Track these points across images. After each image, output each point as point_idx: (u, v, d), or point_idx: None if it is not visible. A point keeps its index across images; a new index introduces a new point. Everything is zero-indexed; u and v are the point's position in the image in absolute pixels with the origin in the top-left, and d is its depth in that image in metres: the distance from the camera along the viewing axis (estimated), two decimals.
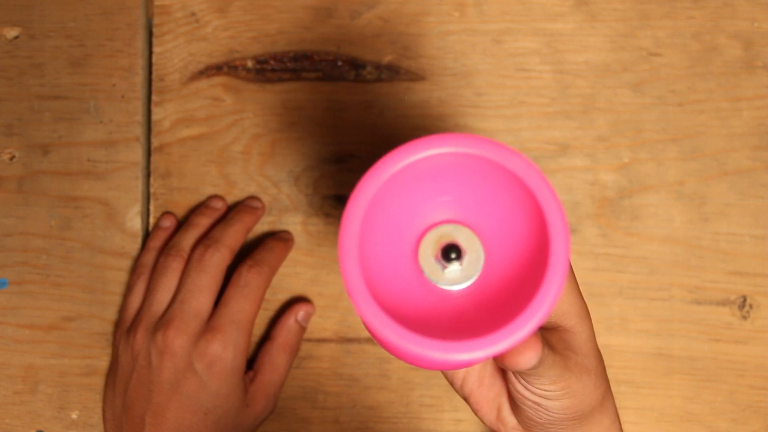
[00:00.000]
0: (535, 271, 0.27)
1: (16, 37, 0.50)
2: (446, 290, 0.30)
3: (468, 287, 0.30)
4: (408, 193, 0.29)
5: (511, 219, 0.29)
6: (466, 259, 0.30)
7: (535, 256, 0.28)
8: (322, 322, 0.49)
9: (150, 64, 0.50)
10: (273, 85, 0.50)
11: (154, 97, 0.50)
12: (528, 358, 0.30)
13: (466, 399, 0.38)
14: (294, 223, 0.49)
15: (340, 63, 0.49)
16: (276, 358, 0.47)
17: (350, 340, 0.49)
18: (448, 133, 0.28)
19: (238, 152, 0.49)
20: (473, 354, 0.26)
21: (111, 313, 0.49)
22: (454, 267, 0.29)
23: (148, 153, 0.50)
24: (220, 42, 0.50)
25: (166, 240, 0.48)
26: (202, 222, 0.48)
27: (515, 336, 0.26)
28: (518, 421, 0.37)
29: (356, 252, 0.26)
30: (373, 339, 0.37)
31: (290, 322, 0.48)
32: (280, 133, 0.49)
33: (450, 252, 0.29)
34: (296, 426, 0.49)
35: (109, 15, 0.50)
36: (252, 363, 0.48)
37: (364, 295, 0.26)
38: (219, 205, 0.49)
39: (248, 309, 0.45)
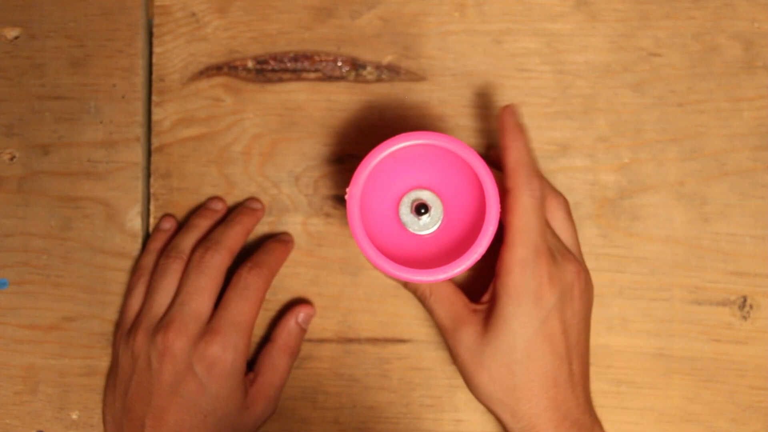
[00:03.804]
0: (478, 224, 0.39)
1: (17, 38, 0.50)
2: (419, 235, 0.42)
3: (433, 233, 0.42)
4: (391, 169, 0.41)
5: (462, 186, 0.41)
6: (431, 212, 0.42)
7: (479, 213, 0.40)
8: (322, 322, 0.49)
9: (150, 65, 0.50)
10: (273, 85, 0.49)
11: (154, 98, 0.50)
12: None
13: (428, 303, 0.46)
14: (294, 223, 0.49)
15: (340, 63, 0.49)
16: (276, 360, 0.47)
17: (350, 341, 0.49)
18: (418, 131, 0.39)
19: (238, 152, 0.49)
20: (434, 277, 0.39)
21: (111, 314, 0.49)
22: (423, 218, 0.42)
23: (149, 153, 0.50)
24: (221, 42, 0.50)
25: (166, 242, 0.48)
26: (202, 224, 0.48)
27: (458, 269, 0.39)
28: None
29: (359, 212, 0.39)
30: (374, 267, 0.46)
31: (291, 324, 0.48)
32: (280, 134, 0.49)
33: (420, 207, 0.42)
34: (296, 426, 0.49)
35: (109, 15, 0.50)
36: (252, 364, 0.48)
37: (366, 241, 0.39)
38: (219, 207, 0.49)
39: (248, 311, 0.45)
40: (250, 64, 0.50)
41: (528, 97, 0.49)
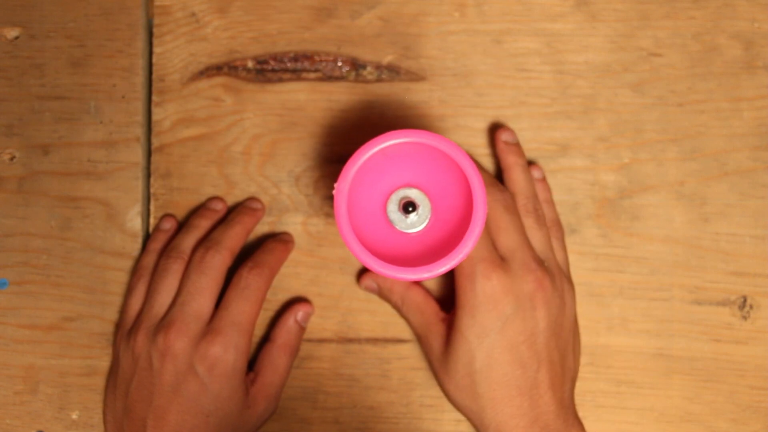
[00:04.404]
0: (465, 224, 0.39)
1: (17, 38, 0.50)
2: (406, 233, 0.41)
3: (420, 231, 0.41)
4: (380, 167, 0.40)
5: (451, 185, 0.40)
6: (419, 210, 0.41)
7: (466, 213, 0.39)
8: (322, 322, 0.49)
9: (150, 65, 0.50)
10: (273, 85, 0.49)
11: (154, 98, 0.50)
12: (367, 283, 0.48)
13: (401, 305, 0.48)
14: (294, 223, 0.49)
15: (340, 63, 0.49)
16: (276, 359, 0.47)
17: (350, 341, 0.49)
18: (409, 129, 0.39)
19: (238, 152, 0.49)
20: (418, 275, 0.38)
21: (111, 314, 0.49)
22: (411, 216, 0.41)
23: (149, 153, 0.50)
24: (221, 42, 0.50)
25: (166, 242, 0.48)
26: (202, 224, 0.48)
27: (443, 268, 0.38)
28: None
29: (346, 208, 0.38)
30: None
31: (290, 322, 0.48)
32: (280, 134, 0.49)
33: (408, 206, 0.41)
34: (297, 426, 0.49)
35: (109, 15, 0.50)
36: (252, 364, 0.48)
37: (352, 236, 0.38)
38: (219, 207, 0.49)
39: (249, 311, 0.45)
40: (250, 64, 0.50)
41: (528, 97, 0.49)
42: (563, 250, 0.47)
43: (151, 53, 0.50)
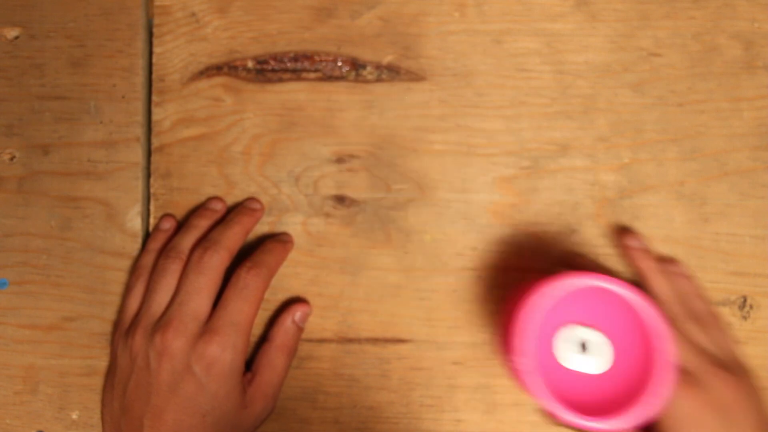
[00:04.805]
0: (641, 348, 0.38)
1: (17, 38, 0.50)
2: (581, 372, 0.40)
3: (602, 374, 0.40)
4: (554, 312, 0.40)
5: (631, 328, 0.39)
6: (595, 348, 0.40)
7: (650, 360, 0.38)
8: (322, 322, 0.49)
9: (150, 65, 0.50)
10: (273, 85, 0.49)
11: (154, 98, 0.50)
12: None
13: None
14: (294, 223, 0.49)
15: (340, 63, 0.49)
16: (274, 359, 0.47)
17: (350, 341, 0.49)
18: (582, 273, 0.39)
19: (238, 152, 0.49)
20: (605, 426, 0.37)
21: (111, 313, 0.49)
22: (588, 355, 0.40)
23: (149, 153, 0.50)
24: (221, 42, 0.50)
25: (165, 242, 0.48)
26: (201, 224, 0.48)
27: (629, 421, 0.37)
28: None
29: (536, 356, 0.38)
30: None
31: (287, 323, 0.48)
32: (280, 134, 0.49)
33: (584, 345, 0.40)
34: (296, 426, 0.49)
35: (109, 15, 0.50)
36: (250, 364, 0.48)
37: (566, 413, 0.37)
38: (218, 207, 0.49)
39: (247, 310, 0.45)
40: (250, 64, 0.50)
41: (528, 97, 0.49)
42: (727, 339, 0.46)
43: (151, 53, 0.50)
